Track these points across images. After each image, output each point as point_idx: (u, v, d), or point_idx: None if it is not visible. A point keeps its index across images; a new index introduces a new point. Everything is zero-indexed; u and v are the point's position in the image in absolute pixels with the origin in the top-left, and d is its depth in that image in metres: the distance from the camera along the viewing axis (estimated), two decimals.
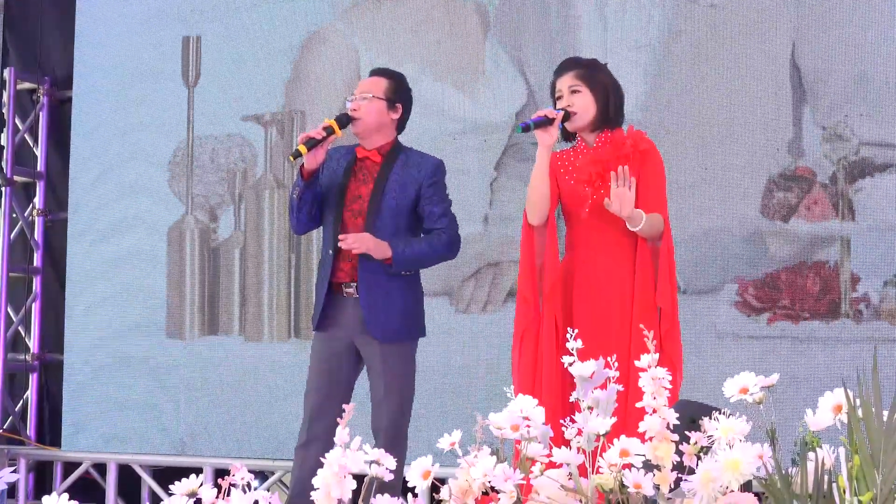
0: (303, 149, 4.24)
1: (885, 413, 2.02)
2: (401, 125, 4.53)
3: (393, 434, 4.31)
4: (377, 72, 4.60)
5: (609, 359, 2.39)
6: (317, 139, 4.27)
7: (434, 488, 2.28)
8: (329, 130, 4.29)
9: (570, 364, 2.38)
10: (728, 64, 5.52)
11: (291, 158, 4.28)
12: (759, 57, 5.44)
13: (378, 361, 4.32)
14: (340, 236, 4.23)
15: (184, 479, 2.25)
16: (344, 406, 2.31)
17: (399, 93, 4.49)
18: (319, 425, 4.30)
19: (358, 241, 4.22)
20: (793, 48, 5.38)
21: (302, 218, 4.40)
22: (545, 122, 4.02)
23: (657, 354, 2.37)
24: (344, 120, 4.36)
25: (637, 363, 2.37)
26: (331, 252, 4.35)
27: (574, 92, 4.07)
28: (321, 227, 4.50)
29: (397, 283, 4.35)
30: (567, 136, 4.19)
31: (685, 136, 5.54)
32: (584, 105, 4.06)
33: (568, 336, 2.46)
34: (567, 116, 4.05)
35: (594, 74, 4.10)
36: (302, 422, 4.40)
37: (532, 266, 4.10)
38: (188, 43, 7.06)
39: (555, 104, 4.11)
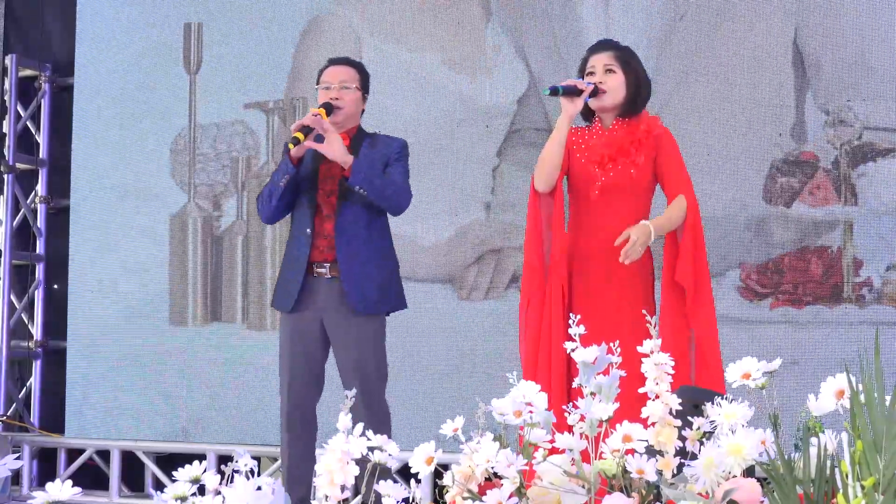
0: (300, 136, 4.35)
1: (888, 398, 2.02)
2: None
3: (371, 413, 4.38)
4: (347, 62, 4.72)
5: (612, 344, 2.39)
6: (310, 127, 4.38)
7: (437, 474, 2.28)
8: (319, 116, 4.42)
9: (573, 350, 2.38)
10: (730, 48, 5.51)
11: (291, 146, 4.34)
12: (761, 41, 5.43)
13: (352, 335, 4.45)
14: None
15: (187, 466, 2.26)
16: (346, 392, 2.32)
17: (367, 83, 4.69)
18: (302, 408, 4.47)
19: (334, 133, 4.36)
20: (795, 32, 5.37)
21: (281, 205, 4.51)
22: (573, 92, 4.02)
23: (659, 340, 2.37)
24: (329, 108, 4.48)
25: (639, 349, 2.37)
26: (308, 231, 4.46)
27: (609, 71, 4.08)
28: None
29: (374, 253, 4.49)
30: (586, 114, 4.18)
31: (687, 121, 5.53)
32: (615, 86, 4.07)
33: (570, 322, 2.46)
34: (595, 92, 4.05)
35: (630, 60, 4.13)
36: (283, 405, 4.51)
37: (538, 233, 4.11)
38: (190, 29, 7.05)
39: (585, 79, 4.12)
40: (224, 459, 2.93)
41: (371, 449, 2.22)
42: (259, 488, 2.14)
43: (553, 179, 4.06)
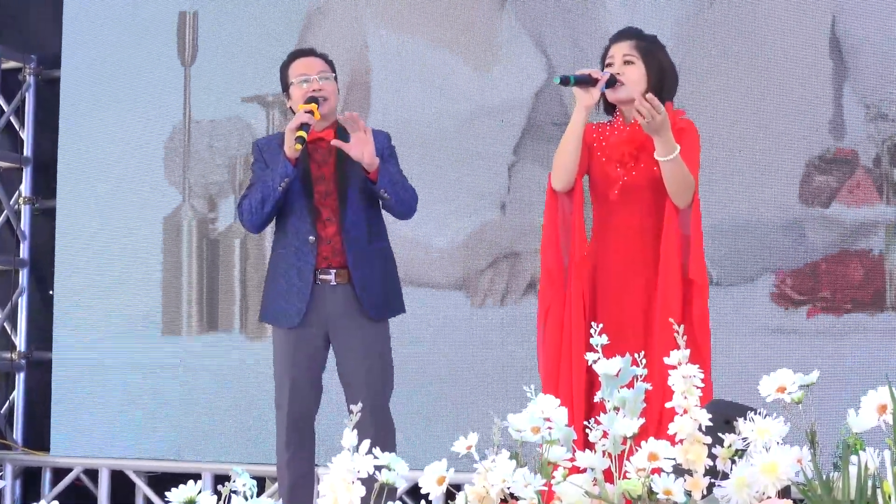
0: (304, 135, 4.35)
1: None
2: None
3: (378, 424, 4.43)
4: (315, 53, 4.72)
5: (637, 355, 2.39)
6: (310, 124, 4.40)
7: (449, 495, 2.28)
8: (312, 114, 4.44)
9: (595, 361, 2.37)
10: (762, 37, 5.50)
11: (299, 147, 4.35)
12: (795, 29, 5.42)
13: (362, 342, 4.49)
14: (350, 113, 4.38)
15: (181, 486, 2.26)
16: (351, 406, 2.32)
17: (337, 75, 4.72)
18: (304, 425, 4.52)
19: (368, 133, 4.40)
20: (833, 18, 5.36)
21: (273, 212, 4.53)
22: (587, 81, 4.01)
23: (688, 350, 2.37)
24: (316, 103, 4.49)
25: (666, 359, 2.36)
26: (312, 239, 4.47)
27: (627, 62, 4.07)
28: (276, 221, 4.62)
29: (378, 255, 4.55)
30: (608, 107, 4.18)
31: (716, 116, 5.52)
32: (634, 78, 4.05)
33: (592, 332, 2.45)
34: (613, 82, 4.04)
35: (652, 50, 4.10)
36: (281, 422, 4.53)
37: (556, 236, 4.10)
38: (184, 18, 7.06)
39: (604, 70, 4.11)
40: (221, 479, 2.94)
41: (378, 468, 2.22)
42: None
43: (571, 177, 4.06)
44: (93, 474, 7.05)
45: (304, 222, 4.50)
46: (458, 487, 2.30)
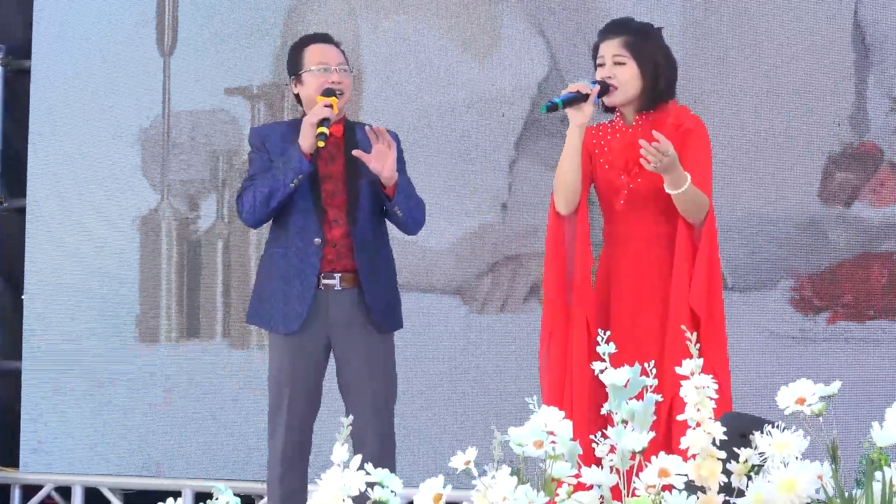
0: (326, 131, 4.34)
1: None
2: None
3: (383, 440, 4.45)
4: (333, 40, 4.70)
5: (647, 365, 2.39)
6: (330, 119, 4.38)
7: None
8: (331, 107, 4.40)
9: (602, 371, 2.38)
10: (778, 24, 5.50)
11: (321, 144, 4.33)
12: (815, 16, 5.43)
13: (367, 353, 4.49)
14: (378, 127, 4.39)
15: None
16: (341, 419, 2.32)
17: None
18: (301, 440, 4.49)
19: (392, 149, 4.39)
20: (855, 6, 5.37)
21: (278, 208, 4.48)
22: (578, 99, 3.99)
23: (700, 360, 2.37)
24: (333, 96, 4.45)
25: (678, 370, 2.36)
26: (318, 241, 4.45)
27: (618, 63, 4.05)
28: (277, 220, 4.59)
29: (384, 263, 4.56)
30: (608, 107, 4.17)
31: (729, 111, 5.52)
32: (626, 80, 4.03)
33: (599, 339, 2.45)
34: (605, 90, 4.03)
35: (643, 45, 4.05)
36: (279, 436, 4.49)
37: (559, 259, 4.09)
38: (163, 4, 7.07)
39: (596, 69, 4.10)
40: (202, 497, 2.94)
41: (371, 485, 2.22)
42: None
43: (575, 197, 4.05)
44: (65, 492, 7.05)
45: (311, 222, 4.47)
46: None
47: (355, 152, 4.39)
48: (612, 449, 2.30)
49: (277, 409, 4.51)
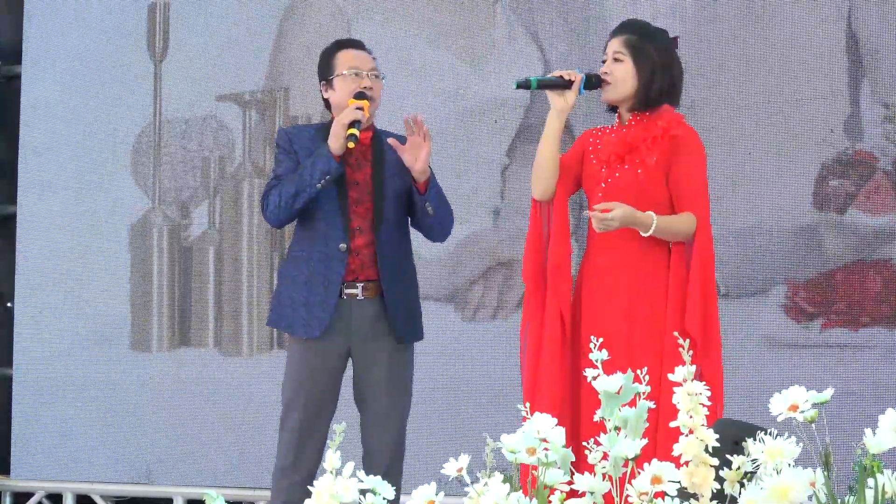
0: (357, 133, 4.31)
1: None
2: None
3: (395, 454, 4.43)
4: (365, 46, 4.67)
5: (639, 371, 2.39)
6: (361, 121, 4.35)
7: None
8: (362, 110, 4.39)
9: (595, 378, 2.38)
10: (773, 32, 5.51)
11: (351, 145, 4.30)
12: (809, 23, 5.44)
13: (384, 365, 4.45)
14: (415, 115, 4.37)
15: None
16: (334, 427, 2.32)
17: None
18: (309, 448, 4.42)
19: (427, 142, 4.39)
20: (849, 12, 5.38)
21: (302, 210, 4.43)
22: (559, 84, 4.02)
23: (693, 367, 2.37)
24: (365, 100, 4.42)
25: (670, 376, 2.37)
26: (343, 247, 4.41)
27: (617, 59, 4.07)
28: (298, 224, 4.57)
29: (408, 275, 4.54)
30: (611, 106, 4.17)
31: (724, 116, 5.53)
32: (621, 77, 4.04)
33: (591, 346, 2.46)
34: (593, 83, 4.04)
35: (643, 46, 4.05)
36: (285, 442, 4.46)
37: (537, 247, 4.13)
38: (155, 10, 7.06)
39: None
40: None
41: (363, 492, 2.23)
42: None
43: (549, 184, 4.09)
44: (57, 499, 7.04)
45: (335, 229, 4.44)
46: None
47: (391, 140, 4.36)
48: (605, 456, 2.30)
49: (289, 414, 4.48)
